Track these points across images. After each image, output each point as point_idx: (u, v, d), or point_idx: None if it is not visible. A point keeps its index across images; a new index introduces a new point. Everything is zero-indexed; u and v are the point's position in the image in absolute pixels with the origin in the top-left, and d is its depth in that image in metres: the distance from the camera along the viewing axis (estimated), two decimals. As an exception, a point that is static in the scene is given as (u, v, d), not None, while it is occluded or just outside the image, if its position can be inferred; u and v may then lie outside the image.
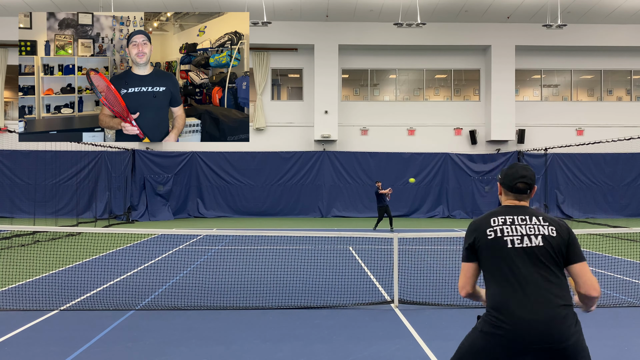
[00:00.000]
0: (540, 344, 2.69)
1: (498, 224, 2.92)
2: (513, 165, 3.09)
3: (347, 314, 6.80)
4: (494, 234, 2.90)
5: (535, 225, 2.91)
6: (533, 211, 3.00)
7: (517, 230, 2.89)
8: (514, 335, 2.72)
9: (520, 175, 3.03)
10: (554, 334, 2.69)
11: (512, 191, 3.05)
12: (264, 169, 24.10)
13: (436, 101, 25.83)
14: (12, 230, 14.66)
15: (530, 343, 2.70)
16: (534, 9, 22.97)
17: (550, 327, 2.70)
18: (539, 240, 2.85)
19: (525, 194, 3.04)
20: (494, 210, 3.03)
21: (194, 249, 12.85)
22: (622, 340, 5.76)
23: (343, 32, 24.28)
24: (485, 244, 2.90)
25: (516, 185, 3.02)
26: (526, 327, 2.70)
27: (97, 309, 6.94)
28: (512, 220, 2.93)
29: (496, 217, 2.96)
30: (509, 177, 3.05)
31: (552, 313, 2.71)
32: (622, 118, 25.01)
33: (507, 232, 2.89)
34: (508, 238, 2.87)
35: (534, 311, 2.72)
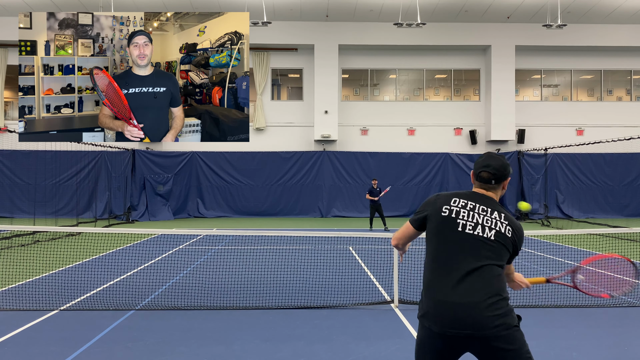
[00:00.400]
0: (458, 329, 2.62)
1: (457, 205, 2.87)
2: (486, 154, 3.04)
3: (347, 314, 6.80)
4: (448, 212, 2.85)
5: (494, 219, 2.83)
6: (497, 206, 2.91)
7: (473, 217, 2.82)
8: (434, 318, 2.68)
9: (485, 164, 2.96)
10: (474, 320, 2.61)
11: (477, 179, 2.99)
12: (264, 169, 24.10)
13: (436, 101, 25.83)
14: (12, 230, 14.66)
15: (449, 326, 2.63)
16: (534, 9, 22.97)
17: (470, 312, 2.62)
18: (492, 234, 2.78)
19: (490, 183, 2.94)
20: (460, 192, 2.97)
21: (194, 249, 12.85)
22: (622, 340, 5.76)
23: (343, 32, 24.28)
24: (436, 219, 2.86)
25: (480, 173, 2.96)
26: (445, 310, 2.65)
27: (97, 309, 6.94)
28: (473, 207, 2.86)
29: (458, 198, 2.90)
30: (476, 165, 3.01)
31: (476, 299, 2.63)
32: (622, 118, 25.01)
33: (463, 216, 2.83)
34: (461, 221, 2.81)
35: (459, 295, 2.65)
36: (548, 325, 6.28)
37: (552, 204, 23.90)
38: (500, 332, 2.61)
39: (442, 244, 2.81)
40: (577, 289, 3.63)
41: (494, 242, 2.77)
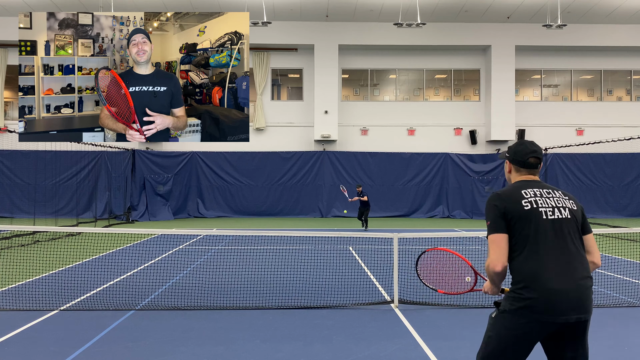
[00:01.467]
0: (571, 314, 2.74)
1: (531, 196, 2.94)
2: (522, 142, 3.14)
3: (347, 314, 6.80)
4: (529, 205, 2.90)
5: (560, 198, 2.97)
6: (550, 185, 3.06)
7: (547, 203, 2.93)
8: (547, 307, 2.74)
9: (531, 150, 3.07)
10: (585, 304, 2.78)
11: (524, 167, 3.08)
12: (264, 169, 24.10)
13: (436, 101, 25.83)
14: (12, 230, 14.66)
15: (562, 313, 2.73)
16: (534, 9, 22.97)
17: (581, 297, 2.77)
18: (567, 213, 2.92)
19: (537, 168, 3.08)
20: (517, 184, 3.03)
21: (194, 249, 12.85)
22: (622, 340, 5.76)
23: (343, 32, 24.28)
24: (520, 215, 2.87)
25: (528, 160, 3.06)
26: (559, 298, 2.74)
27: (97, 309, 6.94)
28: (541, 193, 2.96)
29: (526, 190, 2.97)
30: (520, 153, 3.09)
31: (582, 283, 2.79)
32: (622, 118, 25.01)
33: (541, 204, 2.91)
34: (542, 209, 2.89)
35: (568, 282, 2.77)
36: (548, 325, 6.28)
37: (552, 204, 23.87)
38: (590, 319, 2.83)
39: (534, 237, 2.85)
40: None
41: (572, 220, 2.92)
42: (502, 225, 2.88)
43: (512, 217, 2.88)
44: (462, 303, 7.29)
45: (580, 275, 2.80)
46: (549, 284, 2.75)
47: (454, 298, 7.54)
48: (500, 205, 2.91)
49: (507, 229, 2.88)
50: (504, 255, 2.86)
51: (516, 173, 3.12)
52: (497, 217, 2.90)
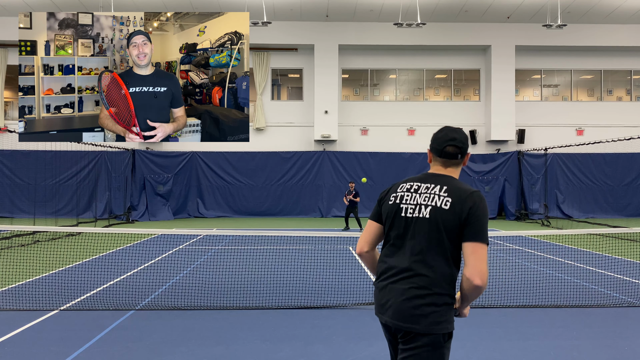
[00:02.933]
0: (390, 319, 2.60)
1: (402, 190, 2.73)
2: (443, 128, 2.78)
3: (347, 314, 6.80)
4: (394, 199, 2.73)
5: (432, 194, 2.63)
6: (445, 180, 2.67)
7: (414, 199, 2.66)
8: (377, 304, 2.71)
9: (450, 137, 2.71)
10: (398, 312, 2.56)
11: (440, 156, 2.72)
12: (264, 169, 24.11)
13: (436, 101, 25.83)
14: (12, 230, 14.67)
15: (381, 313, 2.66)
16: (534, 9, 22.97)
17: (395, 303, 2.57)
18: (427, 212, 2.59)
19: (456, 159, 2.71)
20: (408, 177, 2.84)
21: (194, 249, 12.85)
22: (622, 340, 5.76)
23: (343, 32, 24.29)
24: (385, 209, 2.75)
25: (445, 148, 2.70)
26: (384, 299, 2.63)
27: (97, 309, 6.94)
28: (417, 188, 2.69)
29: (406, 183, 2.77)
30: (438, 141, 2.73)
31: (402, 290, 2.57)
32: (622, 118, 25.02)
33: (406, 200, 2.68)
34: (404, 206, 2.67)
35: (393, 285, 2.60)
36: (548, 325, 6.28)
37: (552, 204, 23.91)
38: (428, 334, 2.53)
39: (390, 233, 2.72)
40: None
41: (430, 220, 2.58)
42: (376, 213, 2.81)
43: (382, 209, 2.79)
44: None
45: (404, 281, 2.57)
46: (381, 283, 2.67)
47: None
48: (381, 195, 2.86)
49: (378, 218, 2.79)
50: (364, 239, 2.81)
51: (433, 162, 2.79)
52: (376, 204, 2.86)
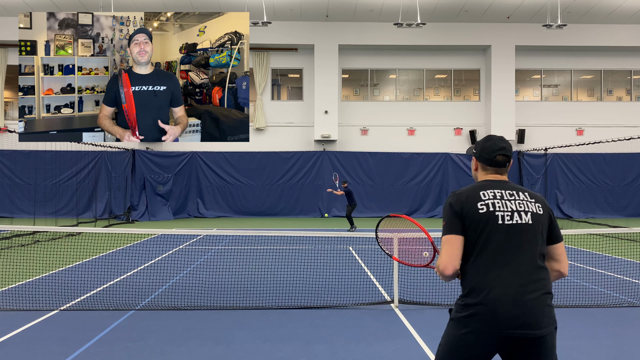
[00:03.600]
0: (515, 329, 2.50)
1: (489, 198, 2.69)
2: (490, 138, 2.86)
3: (347, 314, 6.80)
4: (485, 207, 2.66)
5: (524, 201, 2.71)
6: (517, 186, 2.79)
7: (507, 206, 2.67)
8: (489, 318, 2.53)
9: (499, 147, 2.80)
10: (532, 320, 2.51)
11: (491, 165, 2.81)
12: (264, 169, 24.10)
13: (436, 101, 25.83)
14: (12, 230, 14.66)
15: (505, 327, 2.51)
16: (534, 9, 22.97)
17: (529, 311, 2.52)
18: (528, 218, 2.66)
19: (505, 167, 2.82)
20: (478, 184, 2.80)
21: (194, 249, 12.85)
22: (622, 340, 5.76)
23: (343, 32, 24.28)
24: (474, 219, 2.65)
25: (495, 158, 2.79)
26: (503, 310, 2.51)
27: (97, 309, 6.94)
28: (502, 195, 2.71)
29: (485, 191, 2.72)
30: (487, 150, 2.81)
31: (534, 297, 2.55)
32: (622, 118, 25.01)
33: (499, 207, 2.66)
34: (499, 213, 2.64)
35: (514, 293, 2.53)
36: (548, 325, 6.27)
37: (552, 204, 23.90)
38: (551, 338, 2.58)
39: (487, 243, 2.64)
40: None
41: (533, 226, 2.67)
42: (458, 226, 2.67)
43: (466, 220, 2.66)
44: (462, 303, 7.28)
45: (531, 287, 2.56)
46: (493, 294, 2.54)
47: (453, 298, 7.54)
48: (456, 205, 2.70)
49: (462, 230, 2.67)
50: (456, 258, 2.64)
51: (482, 171, 2.87)
52: (452, 217, 2.70)
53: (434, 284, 8.22)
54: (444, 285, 8.32)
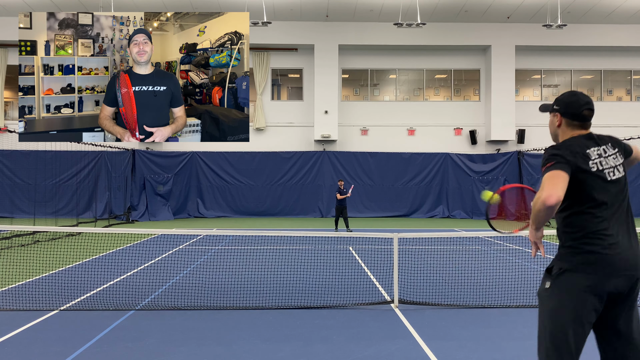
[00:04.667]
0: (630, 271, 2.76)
1: (596, 157, 2.87)
2: (574, 93, 2.98)
3: (347, 314, 6.80)
4: (595, 166, 2.84)
5: (615, 155, 2.92)
6: (604, 138, 2.97)
7: (608, 163, 2.88)
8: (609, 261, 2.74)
9: (585, 101, 2.96)
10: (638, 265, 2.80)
11: (578, 119, 2.95)
12: (264, 169, 24.10)
13: (436, 101, 25.83)
14: (12, 230, 14.66)
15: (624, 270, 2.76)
16: (534, 9, 22.97)
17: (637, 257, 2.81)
18: (621, 172, 2.89)
19: (590, 121, 2.98)
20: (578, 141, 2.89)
21: (194, 249, 12.85)
22: (622, 340, 5.75)
23: (343, 32, 24.29)
24: (587, 175, 2.82)
25: (582, 112, 2.95)
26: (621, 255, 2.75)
27: (97, 309, 6.94)
28: (602, 152, 2.90)
29: (590, 150, 2.87)
30: (573, 105, 2.95)
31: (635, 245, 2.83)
32: (622, 118, 25.00)
33: (605, 165, 2.86)
34: (606, 171, 2.86)
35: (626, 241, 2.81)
36: (548, 325, 6.28)
37: (552, 204, 23.84)
38: None
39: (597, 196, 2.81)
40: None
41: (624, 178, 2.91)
42: (567, 167, 2.77)
43: (578, 174, 2.80)
44: (462, 303, 7.29)
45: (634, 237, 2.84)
46: (610, 240, 2.76)
47: (453, 298, 7.54)
48: (569, 157, 2.80)
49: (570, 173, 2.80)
50: (562, 190, 2.72)
51: (567, 127, 2.97)
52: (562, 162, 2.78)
53: (434, 284, 8.23)
54: (443, 285, 8.32)
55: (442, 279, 8.68)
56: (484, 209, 23.79)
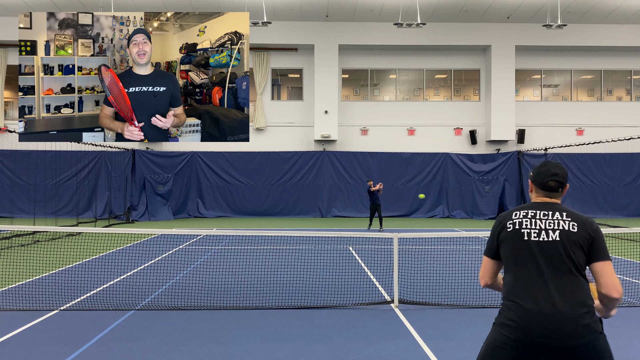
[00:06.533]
0: (545, 339, 2.69)
1: (518, 217, 2.96)
2: (545, 163, 3.11)
3: (347, 314, 6.80)
4: (512, 226, 2.94)
5: (556, 220, 2.90)
6: (560, 207, 2.97)
7: (536, 224, 2.91)
8: (521, 326, 2.75)
9: (552, 173, 3.04)
10: (560, 330, 2.68)
11: (543, 189, 3.05)
12: (264, 169, 24.10)
13: (436, 101, 25.83)
14: (12, 230, 14.66)
15: (536, 336, 2.71)
16: (534, 9, 22.97)
17: (557, 322, 2.69)
18: (556, 235, 2.84)
19: (557, 192, 3.04)
20: (521, 205, 3.07)
21: (194, 249, 12.85)
22: (622, 340, 5.76)
23: (343, 32, 24.28)
24: (505, 236, 2.95)
25: (547, 183, 3.03)
26: (533, 318, 2.73)
27: (97, 309, 6.94)
28: (534, 214, 2.95)
29: (519, 211, 3.00)
30: (540, 175, 3.05)
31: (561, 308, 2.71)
32: (622, 118, 25.00)
33: (526, 225, 2.92)
34: (525, 231, 2.90)
35: (545, 303, 2.74)
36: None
37: (552, 204, 23.84)
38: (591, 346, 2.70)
39: (517, 257, 2.89)
40: None
41: (562, 242, 2.83)
42: (493, 246, 3.04)
43: (501, 239, 2.99)
44: (462, 303, 7.29)
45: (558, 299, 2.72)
46: (523, 304, 2.77)
47: (453, 298, 7.54)
48: (495, 228, 3.04)
49: (496, 251, 3.02)
50: (487, 275, 3.08)
51: (535, 193, 3.11)
52: (491, 237, 3.07)
53: (434, 284, 8.23)
54: (443, 285, 8.32)
55: (442, 279, 8.68)
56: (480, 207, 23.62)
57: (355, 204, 24.11)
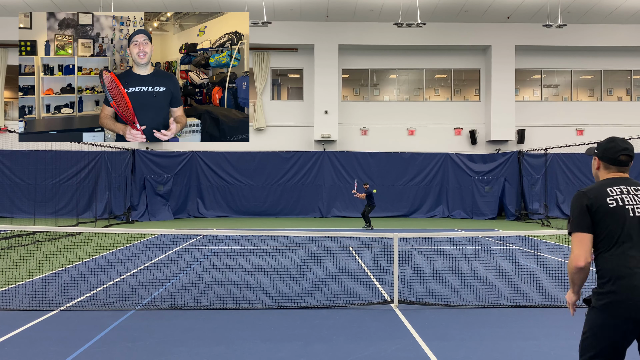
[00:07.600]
0: None
1: (617, 194, 2.95)
2: (612, 139, 3.11)
3: (347, 314, 6.80)
4: (615, 202, 2.91)
5: None
6: (637, 182, 3.03)
7: (635, 200, 2.92)
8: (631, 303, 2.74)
9: (622, 147, 3.05)
10: None
11: (614, 164, 3.07)
12: (264, 169, 24.11)
13: (436, 101, 25.83)
14: (12, 230, 14.66)
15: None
16: (534, 9, 22.97)
17: None
18: None
19: (628, 165, 3.06)
20: (604, 182, 3.03)
21: (194, 249, 12.85)
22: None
23: (343, 32, 24.28)
24: (606, 213, 2.90)
25: (619, 157, 3.05)
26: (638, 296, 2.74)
27: (97, 309, 6.94)
28: (628, 190, 2.96)
29: (611, 187, 2.97)
30: (610, 151, 3.06)
31: None
32: (622, 118, 25.00)
33: (628, 201, 2.91)
34: (629, 207, 2.89)
35: None
36: (548, 325, 6.28)
37: (552, 204, 23.88)
38: None
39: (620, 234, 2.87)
40: None
41: None
42: (587, 222, 2.93)
43: (597, 214, 2.91)
44: (462, 303, 7.29)
45: None
46: (633, 281, 2.76)
47: (453, 298, 7.53)
48: (586, 201, 2.95)
49: (591, 227, 2.92)
50: (588, 252, 2.90)
51: (605, 170, 3.11)
52: (581, 213, 2.94)
53: (434, 284, 8.23)
54: (443, 285, 8.32)
55: (442, 279, 8.68)
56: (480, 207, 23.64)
57: (356, 204, 24.07)
